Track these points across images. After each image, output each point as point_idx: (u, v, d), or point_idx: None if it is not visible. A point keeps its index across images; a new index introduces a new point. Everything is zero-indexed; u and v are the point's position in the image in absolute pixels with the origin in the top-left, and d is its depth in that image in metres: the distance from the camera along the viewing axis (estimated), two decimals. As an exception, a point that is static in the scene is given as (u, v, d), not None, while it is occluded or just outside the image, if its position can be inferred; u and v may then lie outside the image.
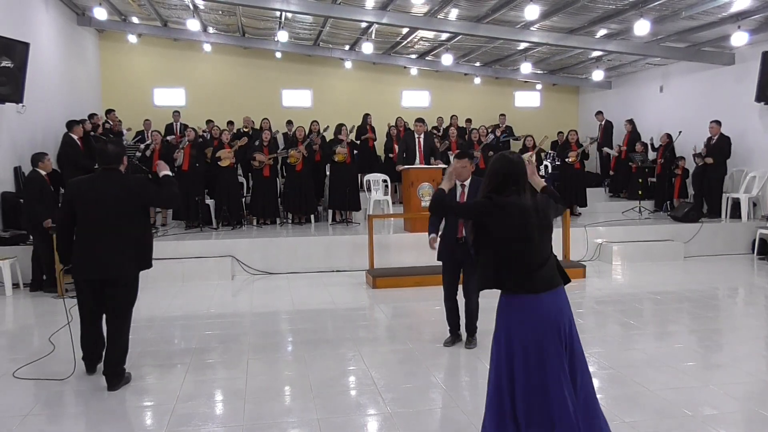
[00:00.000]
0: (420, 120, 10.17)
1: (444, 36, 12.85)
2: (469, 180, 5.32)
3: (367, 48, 13.04)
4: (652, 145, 12.65)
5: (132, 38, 14.28)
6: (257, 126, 12.73)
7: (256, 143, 10.85)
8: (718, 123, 10.97)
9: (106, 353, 4.47)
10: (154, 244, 4.78)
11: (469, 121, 14.31)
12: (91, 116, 11.24)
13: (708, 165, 11.04)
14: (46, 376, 4.66)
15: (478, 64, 15.46)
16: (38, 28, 10.43)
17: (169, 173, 4.71)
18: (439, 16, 10.91)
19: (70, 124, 9.56)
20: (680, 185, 11.90)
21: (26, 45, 8.66)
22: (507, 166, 2.97)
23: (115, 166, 4.46)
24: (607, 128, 14.16)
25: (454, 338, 5.41)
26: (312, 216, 11.01)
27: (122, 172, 4.50)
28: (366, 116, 13.18)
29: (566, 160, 11.55)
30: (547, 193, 3.15)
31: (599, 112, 14.42)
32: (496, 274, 2.95)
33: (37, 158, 7.85)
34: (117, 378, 4.42)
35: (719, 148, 10.91)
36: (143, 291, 7.82)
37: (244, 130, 13.06)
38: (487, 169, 3.05)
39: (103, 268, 4.35)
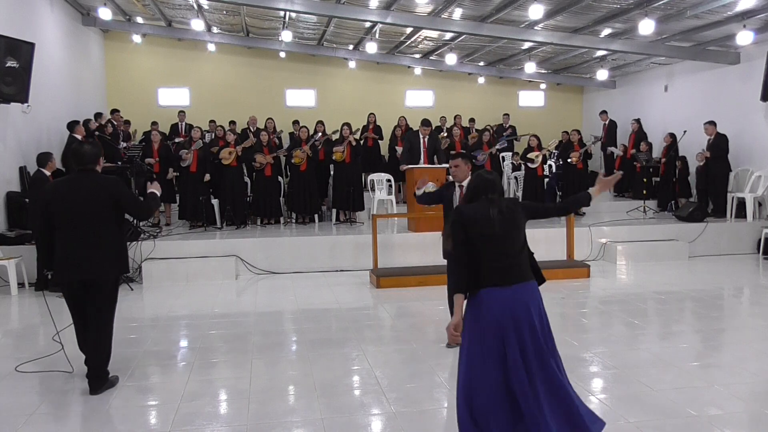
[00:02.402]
0: (425, 123, 10.15)
1: (448, 35, 12.85)
2: (467, 181, 5.27)
3: (371, 48, 13.05)
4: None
5: (136, 38, 14.32)
6: (261, 125, 12.73)
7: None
8: (712, 123, 10.97)
9: (88, 358, 4.38)
10: (158, 244, 4.78)
11: (472, 120, 14.29)
12: (97, 116, 11.28)
13: (710, 163, 11.01)
14: (50, 375, 4.68)
15: (482, 63, 15.44)
16: (43, 28, 10.47)
17: (157, 192, 4.76)
18: (443, 16, 10.91)
19: (72, 125, 9.60)
20: (680, 184, 11.85)
21: (31, 45, 8.68)
22: (478, 181, 3.29)
23: (91, 167, 4.40)
24: (611, 128, 14.12)
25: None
26: (316, 216, 11.02)
27: (98, 172, 4.45)
28: (369, 116, 13.18)
29: (568, 160, 11.53)
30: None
31: (603, 112, 14.39)
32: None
33: (45, 158, 7.88)
34: (98, 381, 4.36)
35: (717, 147, 10.89)
36: (148, 290, 7.94)
37: (251, 130, 13.06)
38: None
39: (82, 270, 4.26)
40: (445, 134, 12.99)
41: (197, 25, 12.53)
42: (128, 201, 4.45)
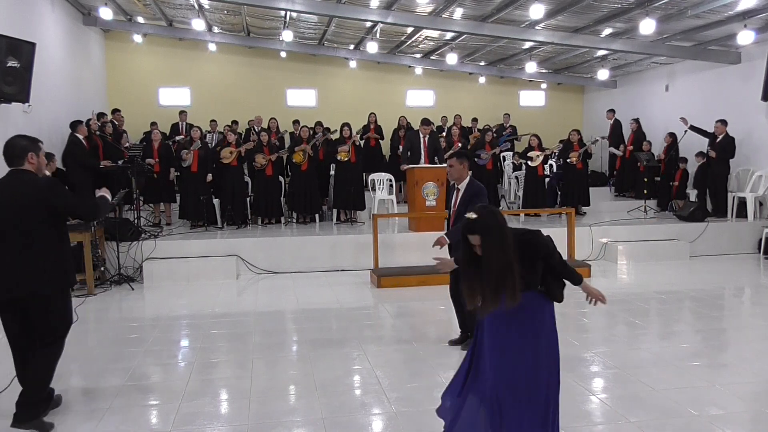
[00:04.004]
0: (425, 122, 10.15)
1: (449, 35, 12.84)
2: (465, 183, 5.19)
3: (372, 47, 13.04)
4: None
5: (137, 38, 14.32)
6: (266, 125, 12.72)
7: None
8: (724, 122, 10.91)
9: (24, 379, 3.86)
10: (158, 244, 4.66)
11: (475, 120, 14.29)
12: (101, 115, 11.29)
13: (711, 162, 10.99)
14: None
15: (482, 63, 15.43)
16: (44, 28, 10.47)
17: (107, 196, 4.22)
18: (443, 16, 10.90)
19: (74, 125, 9.61)
20: (678, 187, 11.84)
21: (32, 45, 8.68)
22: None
23: (17, 164, 3.79)
24: (616, 127, 14.07)
25: (463, 337, 5.39)
26: (317, 215, 11.02)
27: (32, 172, 3.83)
28: (369, 115, 13.18)
29: (568, 161, 11.52)
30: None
31: (611, 111, 14.27)
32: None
33: (48, 158, 7.88)
34: (25, 410, 3.76)
35: (723, 147, 10.86)
36: (149, 290, 7.95)
37: (255, 130, 13.05)
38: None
39: (11, 286, 3.71)
40: (444, 134, 12.98)
41: (198, 24, 12.53)
42: (67, 203, 3.83)
